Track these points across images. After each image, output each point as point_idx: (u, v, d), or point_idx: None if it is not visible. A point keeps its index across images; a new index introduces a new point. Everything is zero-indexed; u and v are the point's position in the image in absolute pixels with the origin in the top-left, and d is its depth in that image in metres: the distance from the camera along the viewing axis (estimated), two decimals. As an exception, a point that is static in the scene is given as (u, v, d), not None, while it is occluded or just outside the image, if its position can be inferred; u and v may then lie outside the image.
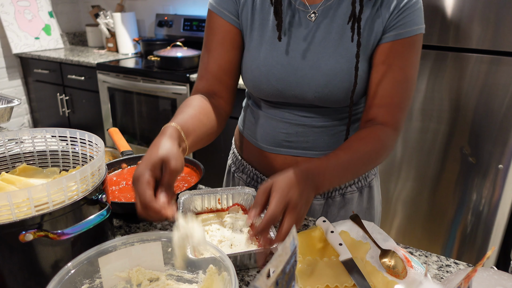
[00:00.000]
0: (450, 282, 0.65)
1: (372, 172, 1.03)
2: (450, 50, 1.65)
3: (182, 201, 0.84)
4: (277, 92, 0.89)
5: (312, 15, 0.86)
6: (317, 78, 0.85)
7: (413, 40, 0.84)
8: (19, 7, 3.17)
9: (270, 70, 0.87)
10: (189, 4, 3.04)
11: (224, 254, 0.61)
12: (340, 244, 0.76)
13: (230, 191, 0.88)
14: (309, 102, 0.89)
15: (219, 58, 0.92)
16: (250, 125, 1.01)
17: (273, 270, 0.42)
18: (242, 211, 0.87)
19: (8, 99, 1.38)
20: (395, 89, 0.85)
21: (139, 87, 2.61)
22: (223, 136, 2.35)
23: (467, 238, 1.81)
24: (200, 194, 0.87)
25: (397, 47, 0.84)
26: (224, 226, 0.83)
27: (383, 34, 0.84)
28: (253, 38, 0.90)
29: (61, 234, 0.58)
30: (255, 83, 0.90)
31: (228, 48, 0.92)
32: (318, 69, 0.85)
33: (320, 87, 0.86)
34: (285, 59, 0.86)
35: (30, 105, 3.46)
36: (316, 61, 0.85)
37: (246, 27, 0.91)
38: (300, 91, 0.87)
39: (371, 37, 0.84)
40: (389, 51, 0.84)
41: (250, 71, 0.90)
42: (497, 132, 1.63)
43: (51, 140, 0.81)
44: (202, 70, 0.94)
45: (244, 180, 1.06)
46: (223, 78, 0.93)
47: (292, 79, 0.86)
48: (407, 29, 0.83)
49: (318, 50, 0.85)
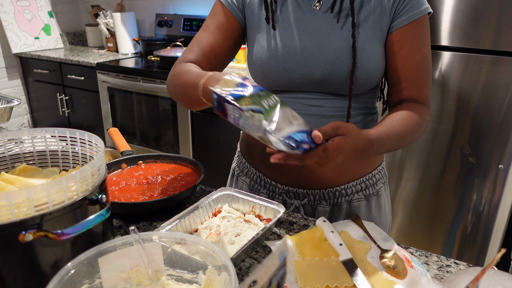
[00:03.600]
0: (450, 282, 0.65)
1: (382, 181, 1.03)
2: (450, 50, 1.65)
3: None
4: (285, 72, 0.90)
5: (317, 4, 0.90)
6: (325, 55, 0.88)
7: (423, 21, 0.89)
8: (18, 7, 3.17)
9: (278, 51, 0.90)
10: (189, 4, 3.04)
11: (224, 254, 0.60)
12: (340, 244, 0.76)
13: (265, 203, 0.89)
14: (317, 84, 0.90)
15: (213, 39, 0.95)
16: None
17: (255, 281, 0.39)
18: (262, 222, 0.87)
19: (8, 99, 1.38)
20: (418, 70, 0.90)
21: (139, 87, 2.61)
22: (223, 136, 2.36)
23: (467, 238, 1.81)
24: (239, 195, 0.92)
25: (411, 29, 0.88)
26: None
27: (394, 19, 0.89)
28: (260, 29, 0.93)
29: (61, 234, 0.58)
30: (263, 68, 0.92)
31: (224, 35, 0.96)
32: (326, 47, 0.88)
33: (329, 64, 0.88)
34: (293, 41, 0.89)
35: (30, 105, 3.46)
36: (323, 40, 0.88)
37: (252, 22, 0.95)
38: (308, 70, 0.89)
39: (378, 19, 0.88)
40: (405, 35, 0.89)
41: (258, 57, 0.93)
42: (497, 132, 1.63)
43: (51, 140, 0.81)
44: (194, 44, 0.96)
45: (248, 183, 1.06)
46: (211, 58, 0.96)
47: (300, 58, 0.89)
48: (416, 11, 0.88)
49: (325, 32, 0.89)
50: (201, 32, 0.97)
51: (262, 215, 0.88)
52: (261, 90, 0.68)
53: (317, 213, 0.99)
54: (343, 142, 0.69)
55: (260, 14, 0.94)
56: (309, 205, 0.99)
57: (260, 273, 0.40)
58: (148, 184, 0.98)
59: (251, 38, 0.96)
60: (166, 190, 0.95)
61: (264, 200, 0.88)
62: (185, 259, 0.66)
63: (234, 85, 0.67)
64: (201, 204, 0.87)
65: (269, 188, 1.01)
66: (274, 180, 1.00)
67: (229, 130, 2.31)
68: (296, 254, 0.76)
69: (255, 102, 0.65)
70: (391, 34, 0.89)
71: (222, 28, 0.95)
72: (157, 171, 1.04)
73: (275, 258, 0.42)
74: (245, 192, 0.91)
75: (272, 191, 1.01)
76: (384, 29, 0.90)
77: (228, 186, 1.15)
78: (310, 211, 1.00)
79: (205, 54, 0.95)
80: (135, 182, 0.99)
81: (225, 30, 0.96)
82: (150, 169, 1.05)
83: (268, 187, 1.01)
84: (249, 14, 0.96)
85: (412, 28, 0.88)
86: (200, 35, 0.97)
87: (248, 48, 0.98)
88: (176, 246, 0.66)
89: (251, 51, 0.95)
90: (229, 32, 0.96)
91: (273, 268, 0.41)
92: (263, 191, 1.03)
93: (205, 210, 0.88)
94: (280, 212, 0.84)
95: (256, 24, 0.94)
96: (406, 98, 0.92)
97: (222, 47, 0.96)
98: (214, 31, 0.96)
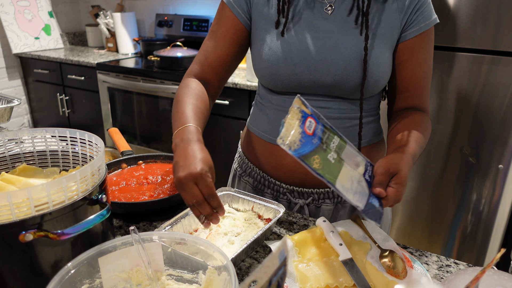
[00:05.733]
0: (450, 282, 0.65)
1: None
2: (450, 50, 1.65)
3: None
4: (295, 76, 0.89)
5: (329, 8, 0.89)
6: (336, 61, 0.87)
7: (430, 32, 0.91)
8: (19, 7, 3.17)
9: (289, 54, 0.89)
10: (189, 4, 3.04)
11: (224, 254, 0.61)
12: (340, 244, 0.76)
13: (265, 203, 0.89)
14: (326, 88, 0.90)
15: (219, 49, 0.95)
16: (261, 121, 1.00)
17: (255, 281, 0.40)
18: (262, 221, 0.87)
19: (8, 99, 1.38)
20: (424, 80, 0.93)
21: (139, 87, 2.61)
22: (224, 136, 2.36)
23: (467, 238, 1.81)
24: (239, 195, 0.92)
25: (420, 41, 0.90)
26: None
27: (405, 29, 0.89)
28: (269, 30, 0.92)
29: (61, 234, 0.58)
30: (271, 70, 0.91)
31: (230, 42, 0.95)
32: (338, 53, 0.87)
33: (340, 70, 0.87)
34: (303, 45, 0.88)
35: (30, 105, 3.46)
36: (335, 46, 0.88)
37: (260, 23, 0.93)
38: (319, 75, 0.88)
39: (389, 28, 0.89)
40: (414, 46, 0.90)
41: (267, 58, 0.91)
42: (497, 132, 1.63)
43: (51, 140, 0.81)
44: (201, 56, 0.97)
45: (251, 183, 1.05)
46: (218, 68, 0.96)
47: (310, 62, 0.88)
48: (426, 22, 0.89)
49: (337, 38, 0.88)
50: (208, 39, 0.97)
51: (262, 215, 0.88)
52: (321, 131, 0.69)
53: (321, 211, 0.99)
54: (401, 178, 0.73)
55: (268, 14, 0.92)
56: (313, 204, 0.99)
57: (260, 273, 0.40)
58: (148, 184, 0.98)
59: (258, 38, 0.94)
60: (166, 190, 0.95)
61: (264, 200, 0.88)
62: (185, 259, 0.66)
63: (297, 132, 0.67)
64: (201, 204, 0.87)
65: (273, 188, 1.01)
66: (279, 180, 1.00)
67: (229, 130, 2.31)
68: (296, 254, 0.76)
69: (322, 161, 0.67)
70: (401, 44, 0.90)
71: (227, 35, 0.94)
72: (157, 171, 1.04)
73: (275, 258, 0.42)
74: (245, 192, 0.91)
75: (277, 191, 1.01)
76: (395, 37, 0.90)
77: (229, 187, 1.15)
78: (314, 210, 1.00)
79: (211, 65, 0.95)
80: (135, 182, 0.99)
81: (230, 37, 0.94)
82: (150, 169, 1.05)
83: (273, 187, 1.01)
84: (256, 15, 0.93)
85: (421, 39, 0.90)
86: (206, 43, 0.97)
87: (254, 48, 0.96)
88: (176, 246, 0.66)
89: (258, 51, 0.93)
90: (234, 38, 0.95)
91: (273, 268, 0.41)
92: (267, 191, 1.03)
93: (205, 210, 0.88)
94: (280, 212, 0.85)
95: (264, 24, 0.92)
96: (410, 107, 0.94)
97: (227, 55, 0.95)
98: (219, 39, 0.95)
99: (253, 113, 1.05)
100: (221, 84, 1.00)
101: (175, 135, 0.80)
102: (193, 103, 0.87)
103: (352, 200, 0.67)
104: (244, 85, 2.15)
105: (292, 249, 0.77)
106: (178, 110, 0.85)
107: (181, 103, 0.87)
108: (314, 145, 0.67)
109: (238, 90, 2.19)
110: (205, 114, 0.89)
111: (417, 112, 0.93)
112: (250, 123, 1.05)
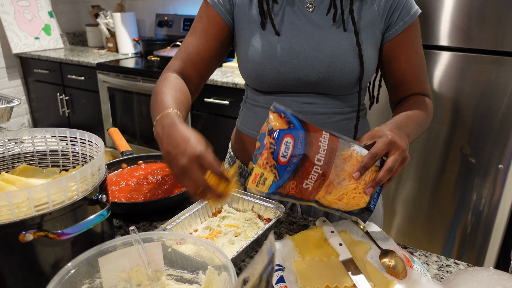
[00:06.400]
0: (450, 282, 0.65)
1: None
2: (450, 50, 1.65)
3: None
4: (280, 75, 0.90)
5: (310, 6, 0.90)
6: (320, 59, 0.88)
7: (415, 24, 0.93)
8: (19, 7, 3.17)
9: (273, 54, 0.89)
10: (189, 4, 3.04)
11: (224, 254, 0.61)
12: (340, 244, 0.76)
13: (265, 203, 0.89)
14: (312, 86, 0.91)
15: (200, 44, 0.95)
16: (250, 120, 1.01)
17: (248, 278, 0.40)
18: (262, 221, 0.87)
19: (8, 99, 1.38)
20: (419, 69, 0.96)
21: (139, 87, 2.61)
22: (224, 136, 2.35)
23: (467, 238, 1.81)
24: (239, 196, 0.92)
25: (407, 35, 0.93)
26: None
27: (389, 27, 0.91)
28: (252, 30, 0.92)
29: (61, 234, 0.58)
30: (257, 70, 0.91)
31: (211, 38, 0.95)
32: (321, 51, 0.88)
33: (324, 67, 0.88)
34: (288, 44, 0.89)
35: (30, 105, 3.46)
36: (318, 43, 0.89)
37: (243, 23, 0.93)
38: (304, 73, 0.89)
39: (370, 24, 0.90)
40: (402, 41, 0.93)
41: (251, 59, 0.92)
42: (497, 132, 1.63)
43: (51, 140, 0.81)
44: (181, 51, 0.96)
45: (243, 183, 1.06)
46: (199, 65, 0.95)
47: (295, 61, 0.89)
48: (409, 16, 0.91)
49: (319, 35, 0.89)
50: (189, 35, 0.96)
51: (262, 215, 0.88)
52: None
53: (313, 208, 1.00)
54: (379, 130, 0.74)
55: (251, 15, 0.92)
56: None
57: (251, 269, 0.41)
58: (148, 184, 0.98)
59: (243, 39, 0.94)
60: (166, 190, 0.95)
61: (264, 200, 0.88)
62: (185, 259, 0.66)
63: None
64: (201, 204, 0.87)
65: None
66: None
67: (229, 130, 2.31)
68: (296, 254, 0.76)
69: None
70: (389, 42, 0.93)
71: (209, 31, 0.94)
72: (157, 171, 1.04)
73: (264, 255, 0.42)
74: (245, 192, 0.91)
75: None
76: (377, 34, 0.91)
77: None
78: (306, 207, 1.00)
79: (191, 60, 0.94)
80: (135, 182, 0.99)
81: (212, 33, 0.94)
82: (150, 169, 1.05)
83: None
84: (239, 15, 0.94)
85: (408, 33, 0.92)
86: (187, 39, 0.96)
87: (239, 49, 0.96)
88: (176, 246, 0.66)
89: (243, 52, 0.94)
90: (216, 34, 0.94)
91: (262, 265, 0.42)
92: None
93: (205, 210, 0.88)
94: (280, 212, 0.85)
95: (247, 25, 0.93)
96: (411, 94, 0.98)
97: (209, 51, 0.95)
98: (200, 35, 0.94)
99: (242, 114, 1.06)
100: (201, 81, 0.99)
101: (155, 124, 0.74)
102: (173, 93, 0.83)
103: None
104: (239, 84, 2.16)
105: (292, 249, 0.77)
106: (157, 101, 0.80)
107: (160, 93, 0.83)
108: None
109: (238, 90, 2.19)
110: (186, 106, 0.84)
111: (417, 95, 0.96)
112: (240, 123, 1.06)
